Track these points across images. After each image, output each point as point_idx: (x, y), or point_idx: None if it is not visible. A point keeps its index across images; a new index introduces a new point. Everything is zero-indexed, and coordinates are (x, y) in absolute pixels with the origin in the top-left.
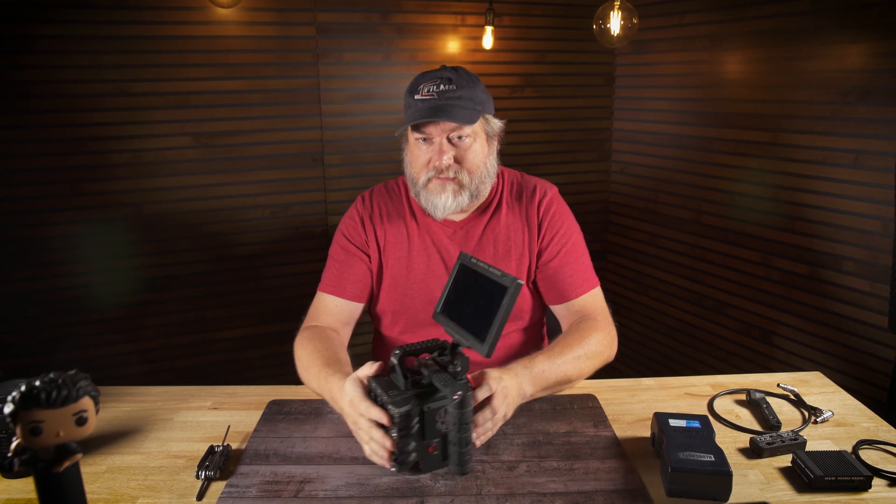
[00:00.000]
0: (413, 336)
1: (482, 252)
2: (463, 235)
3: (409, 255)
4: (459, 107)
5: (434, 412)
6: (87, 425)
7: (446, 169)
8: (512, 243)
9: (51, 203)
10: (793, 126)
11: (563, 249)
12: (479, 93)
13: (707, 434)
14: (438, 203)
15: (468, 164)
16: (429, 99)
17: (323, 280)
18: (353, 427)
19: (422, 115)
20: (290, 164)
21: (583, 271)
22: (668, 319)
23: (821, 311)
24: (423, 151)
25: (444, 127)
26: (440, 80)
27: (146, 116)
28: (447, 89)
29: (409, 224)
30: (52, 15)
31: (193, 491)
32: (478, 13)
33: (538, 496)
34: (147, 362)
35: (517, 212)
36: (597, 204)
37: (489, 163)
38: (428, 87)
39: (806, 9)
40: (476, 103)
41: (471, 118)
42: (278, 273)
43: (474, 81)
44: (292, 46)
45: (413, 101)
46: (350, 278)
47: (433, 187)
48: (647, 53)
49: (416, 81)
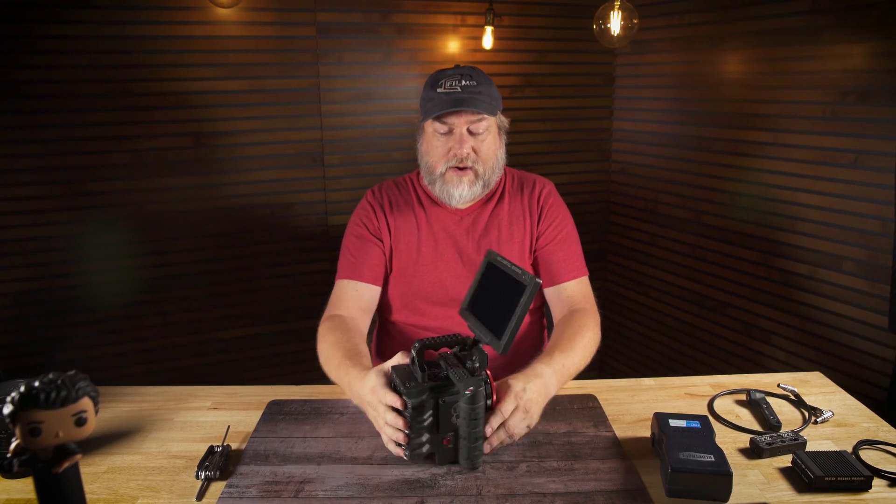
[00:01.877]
0: (421, 320)
1: (487, 237)
2: (470, 222)
3: (419, 241)
4: (481, 100)
5: (449, 406)
6: (87, 426)
7: (465, 158)
8: (514, 229)
9: (51, 203)
10: (793, 126)
11: (559, 236)
12: (494, 90)
13: (707, 434)
14: (454, 192)
15: (483, 155)
16: (452, 92)
17: (340, 269)
18: (373, 414)
19: (448, 105)
20: (290, 164)
21: (574, 259)
22: (668, 319)
23: (821, 311)
24: (443, 142)
25: (466, 118)
26: (461, 76)
27: (146, 116)
28: (469, 84)
29: (417, 212)
30: (52, 15)
31: (193, 491)
32: (478, 13)
33: (538, 496)
34: (147, 362)
35: (518, 201)
36: (597, 204)
37: (500, 155)
38: (450, 82)
39: (806, 9)
40: (493, 99)
41: (492, 109)
42: (278, 273)
43: (490, 80)
44: (292, 46)
45: (435, 94)
46: (367, 262)
47: (450, 177)
48: (647, 53)
49: (437, 77)
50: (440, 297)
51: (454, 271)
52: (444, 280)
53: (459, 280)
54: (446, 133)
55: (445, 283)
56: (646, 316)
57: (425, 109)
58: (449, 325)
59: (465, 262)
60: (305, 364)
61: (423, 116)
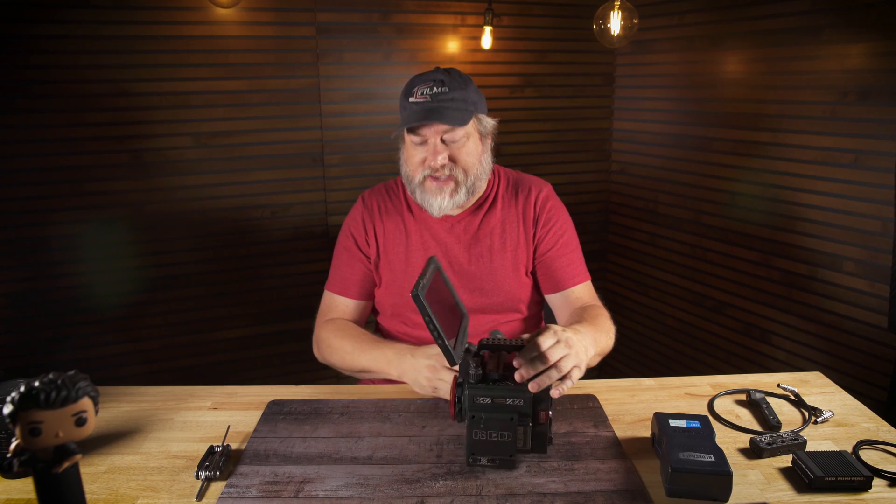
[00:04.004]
0: (412, 331)
1: (478, 245)
2: (461, 230)
3: (408, 250)
4: (452, 108)
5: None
6: (87, 426)
7: (441, 168)
8: (507, 237)
9: (51, 203)
10: (793, 126)
11: (560, 241)
12: (470, 93)
13: (707, 434)
14: (434, 203)
15: (462, 162)
16: (422, 101)
17: (330, 279)
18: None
19: (416, 118)
20: (290, 164)
21: (577, 263)
22: (668, 319)
23: (821, 311)
24: (419, 151)
25: (437, 128)
26: (433, 82)
27: (146, 116)
28: (440, 91)
29: (406, 220)
30: (52, 15)
31: (193, 491)
32: (477, 13)
33: (538, 496)
34: (147, 362)
35: (512, 207)
36: (597, 204)
37: (484, 160)
38: (421, 90)
39: (806, 9)
40: (468, 104)
41: (463, 119)
42: (278, 273)
43: (466, 82)
44: (292, 46)
45: (408, 104)
46: (354, 280)
47: (429, 187)
48: (647, 53)
49: (411, 84)
50: None
51: None
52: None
53: None
54: (421, 143)
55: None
56: (646, 316)
57: (401, 118)
58: None
59: (456, 271)
60: (305, 364)
61: (400, 125)
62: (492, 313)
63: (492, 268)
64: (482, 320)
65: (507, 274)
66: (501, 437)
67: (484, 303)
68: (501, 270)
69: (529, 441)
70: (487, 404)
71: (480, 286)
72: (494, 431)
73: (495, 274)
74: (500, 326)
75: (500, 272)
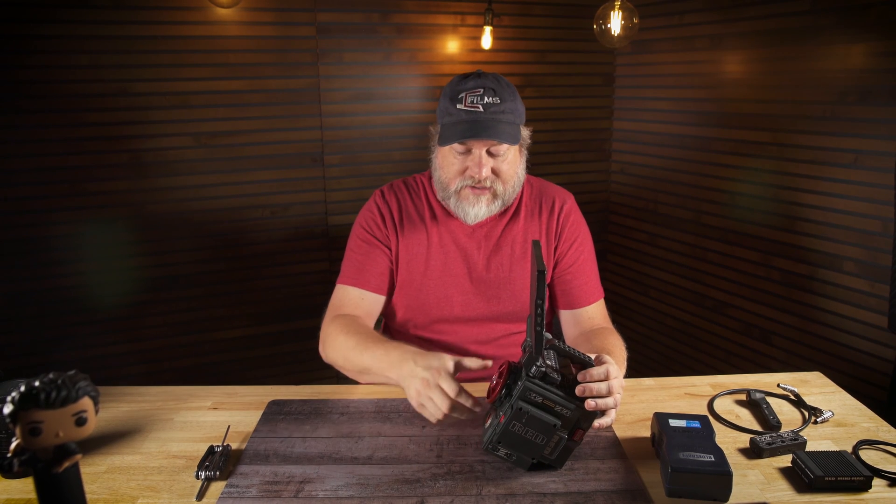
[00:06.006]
0: (423, 333)
1: (499, 253)
2: (482, 236)
3: (428, 253)
4: (504, 122)
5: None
6: (87, 426)
7: (484, 180)
8: (528, 248)
9: (51, 203)
10: (793, 126)
11: (580, 259)
12: (518, 104)
13: (707, 434)
14: (471, 211)
15: (504, 175)
16: (474, 111)
17: (343, 273)
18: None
19: (469, 130)
20: (290, 164)
21: (593, 281)
22: (668, 319)
23: (821, 311)
24: (459, 160)
25: (486, 141)
26: (483, 90)
27: (146, 116)
28: (492, 102)
29: (428, 223)
30: (52, 15)
31: (193, 491)
32: (477, 13)
33: (538, 496)
34: (147, 362)
35: (536, 218)
36: (597, 204)
37: (520, 171)
38: (471, 98)
39: (806, 9)
40: (517, 116)
41: (515, 136)
42: (278, 273)
43: (514, 93)
44: (292, 46)
45: (455, 111)
46: (372, 270)
47: (466, 195)
48: (647, 53)
49: (457, 88)
50: (445, 313)
51: (462, 287)
52: (451, 296)
53: (467, 296)
54: (464, 153)
55: (452, 298)
56: (646, 316)
57: (443, 124)
58: (452, 341)
59: (474, 278)
60: (305, 364)
61: (440, 131)
62: (505, 322)
63: (510, 277)
64: (495, 328)
65: (524, 285)
66: (536, 438)
67: (499, 311)
68: (520, 281)
69: (558, 452)
70: (538, 402)
71: (497, 294)
72: (533, 430)
73: (513, 284)
74: (512, 336)
75: (519, 282)
